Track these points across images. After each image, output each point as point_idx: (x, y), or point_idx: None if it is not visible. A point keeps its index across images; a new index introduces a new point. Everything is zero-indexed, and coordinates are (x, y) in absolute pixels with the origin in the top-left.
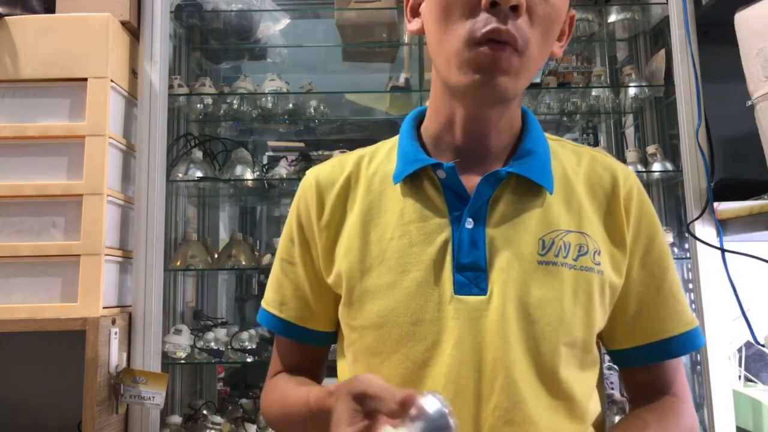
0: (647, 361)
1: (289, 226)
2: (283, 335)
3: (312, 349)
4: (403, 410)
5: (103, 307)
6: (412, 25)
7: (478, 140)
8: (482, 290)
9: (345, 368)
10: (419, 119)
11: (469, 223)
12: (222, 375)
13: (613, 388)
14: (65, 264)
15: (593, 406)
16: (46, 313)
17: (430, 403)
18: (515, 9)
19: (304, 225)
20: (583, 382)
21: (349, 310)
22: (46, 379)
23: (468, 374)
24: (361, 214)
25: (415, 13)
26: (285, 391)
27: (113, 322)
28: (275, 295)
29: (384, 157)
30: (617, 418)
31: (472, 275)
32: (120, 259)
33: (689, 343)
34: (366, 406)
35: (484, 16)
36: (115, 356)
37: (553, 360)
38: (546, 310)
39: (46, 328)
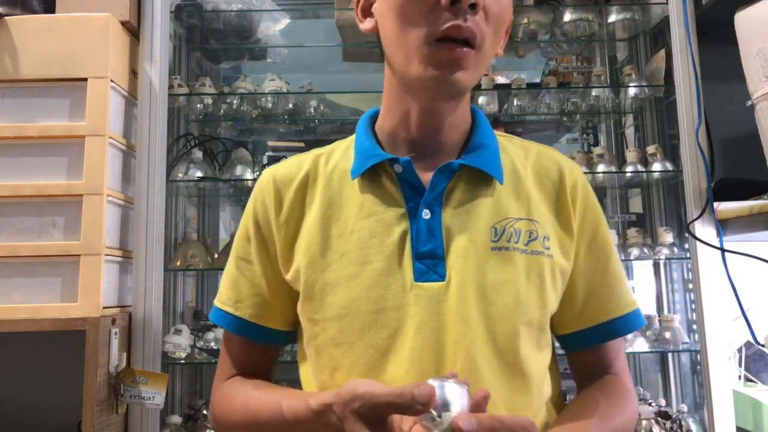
0: (594, 342)
1: (245, 224)
2: (238, 334)
3: (266, 348)
4: (429, 406)
5: (103, 307)
6: (364, 25)
7: (432, 135)
8: (441, 276)
9: (307, 366)
10: (374, 118)
11: (426, 214)
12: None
13: None
14: (65, 264)
15: (546, 387)
16: (46, 313)
17: (450, 388)
18: (473, 6)
19: (261, 223)
20: (538, 362)
21: (310, 303)
22: (46, 379)
23: (430, 357)
24: (321, 210)
25: (367, 13)
26: (246, 398)
27: (113, 322)
28: (231, 293)
29: (341, 154)
30: None
31: (430, 263)
32: (120, 259)
33: (631, 323)
34: (376, 417)
35: (444, 13)
36: (115, 356)
37: (512, 339)
38: (502, 292)
39: (46, 328)
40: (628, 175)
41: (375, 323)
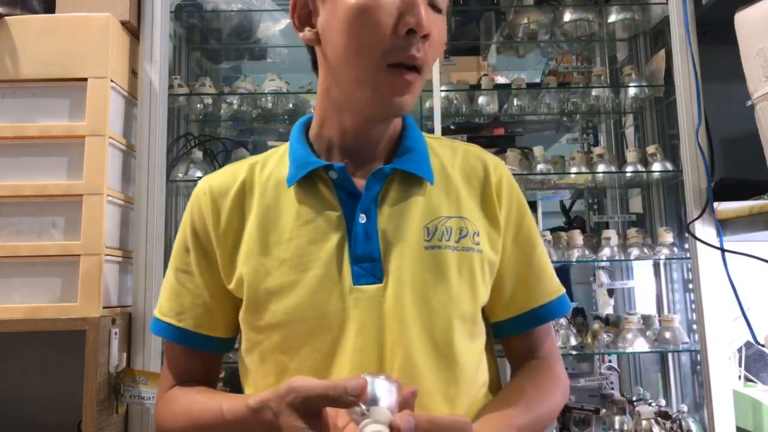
0: (524, 328)
1: (183, 235)
2: (180, 344)
3: (208, 356)
4: (360, 399)
5: (103, 307)
6: (304, 33)
7: (366, 145)
8: (378, 279)
9: (248, 371)
10: (307, 126)
11: (362, 218)
12: (222, 375)
13: (612, 389)
14: (65, 264)
15: (481, 374)
16: (46, 313)
17: (380, 384)
18: (426, 37)
19: (200, 233)
20: (472, 352)
21: (253, 312)
22: (46, 379)
23: (370, 357)
24: (257, 219)
25: (305, 22)
26: (188, 403)
27: (113, 322)
28: (172, 304)
29: (276, 163)
30: (617, 419)
31: (368, 266)
32: (120, 259)
33: (557, 308)
34: (311, 409)
35: (399, 41)
36: (115, 356)
37: (447, 333)
38: (437, 289)
39: (46, 328)
40: (628, 175)
41: (319, 328)
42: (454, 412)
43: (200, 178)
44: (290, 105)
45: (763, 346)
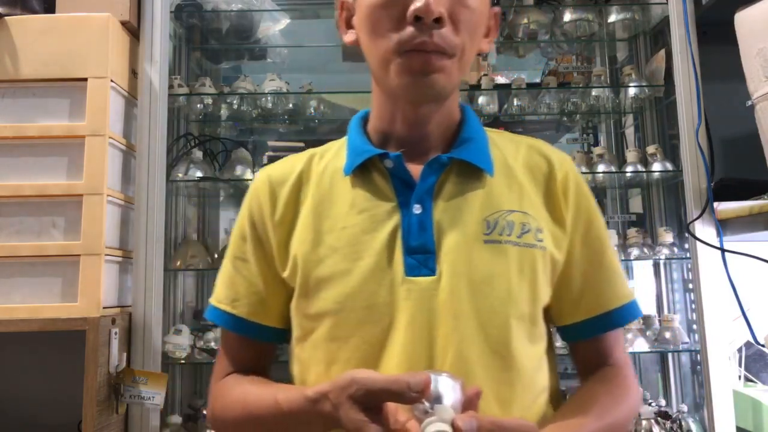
0: (593, 333)
1: (241, 224)
2: (235, 331)
3: (262, 346)
4: (423, 395)
5: (103, 307)
6: (347, 37)
7: (420, 134)
8: (431, 271)
9: (300, 360)
10: (365, 119)
11: (417, 208)
12: None
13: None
14: (65, 264)
15: (541, 379)
16: (46, 313)
17: (443, 381)
18: (438, 20)
19: (257, 222)
20: (531, 355)
21: (305, 299)
22: (46, 379)
23: (421, 352)
24: (312, 207)
25: (349, 25)
26: (243, 392)
27: (113, 322)
28: (227, 291)
29: (334, 154)
30: None
31: (421, 257)
32: (120, 259)
33: (628, 314)
34: (372, 402)
35: (409, 30)
36: (115, 356)
37: (505, 333)
38: (494, 285)
39: (46, 328)
40: (628, 175)
41: (368, 319)
42: (507, 416)
43: (200, 178)
44: (290, 105)
45: (763, 346)
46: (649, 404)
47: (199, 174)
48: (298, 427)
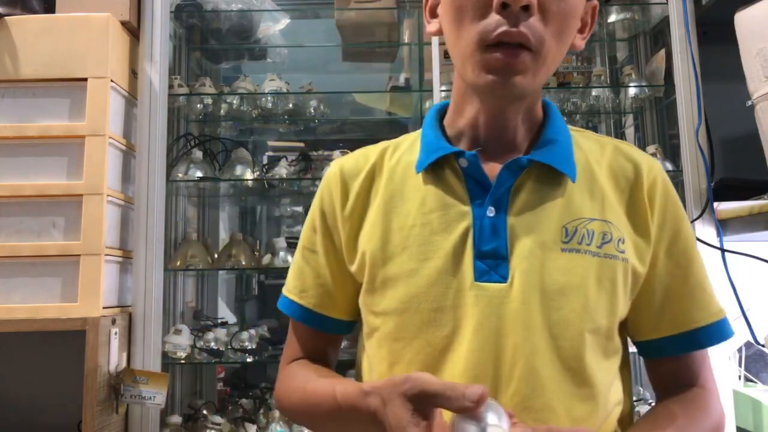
0: (674, 351)
1: (312, 215)
2: (301, 322)
3: (328, 337)
4: (477, 406)
5: (103, 307)
6: (430, 27)
7: (500, 133)
8: (503, 277)
9: (367, 356)
10: (442, 112)
11: (491, 211)
12: (222, 375)
13: None
14: (65, 264)
15: (615, 395)
16: (46, 313)
17: (496, 407)
18: (527, 9)
19: (327, 214)
20: (605, 370)
21: (372, 296)
22: (46, 379)
23: (487, 360)
24: (383, 203)
25: (434, 14)
26: (305, 380)
27: (113, 322)
28: (296, 282)
29: (407, 148)
30: None
31: (492, 262)
32: (120, 259)
33: (717, 333)
34: (425, 405)
35: (495, 18)
36: (115, 356)
37: (578, 347)
38: (570, 297)
39: (46, 328)
40: None
41: (434, 321)
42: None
43: (200, 178)
44: (290, 105)
45: (763, 346)
46: (649, 404)
47: (199, 174)
48: (350, 423)
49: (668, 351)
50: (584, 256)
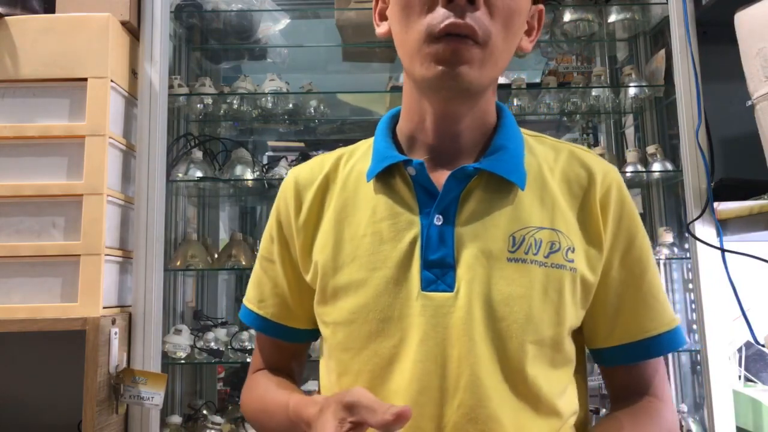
0: (627, 360)
1: (270, 224)
2: (262, 332)
3: (290, 346)
4: (397, 423)
5: (103, 307)
6: (380, 29)
7: (450, 137)
8: (449, 287)
9: (321, 367)
10: (395, 119)
11: (438, 220)
12: (222, 375)
13: None
14: (65, 264)
15: (567, 406)
16: (46, 313)
17: None
18: (472, 2)
19: (284, 223)
20: (553, 381)
21: (323, 306)
22: (46, 379)
23: (432, 371)
24: (335, 212)
25: (383, 17)
26: (264, 390)
27: (113, 322)
28: (255, 292)
29: (361, 155)
30: None
31: (439, 272)
32: (120, 259)
33: (669, 342)
34: (356, 415)
35: (441, 11)
36: (115, 356)
37: (519, 358)
38: (513, 307)
39: (46, 328)
40: (628, 175)
41: (381, 332)
42: None
43: (200, 178)
44: (290, 105)
45: (763, 346)
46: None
47: (199, 174)
48: None
49: (621, 360)
50: (530, 266)
